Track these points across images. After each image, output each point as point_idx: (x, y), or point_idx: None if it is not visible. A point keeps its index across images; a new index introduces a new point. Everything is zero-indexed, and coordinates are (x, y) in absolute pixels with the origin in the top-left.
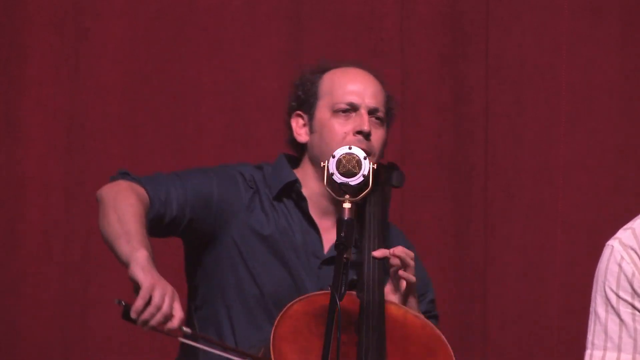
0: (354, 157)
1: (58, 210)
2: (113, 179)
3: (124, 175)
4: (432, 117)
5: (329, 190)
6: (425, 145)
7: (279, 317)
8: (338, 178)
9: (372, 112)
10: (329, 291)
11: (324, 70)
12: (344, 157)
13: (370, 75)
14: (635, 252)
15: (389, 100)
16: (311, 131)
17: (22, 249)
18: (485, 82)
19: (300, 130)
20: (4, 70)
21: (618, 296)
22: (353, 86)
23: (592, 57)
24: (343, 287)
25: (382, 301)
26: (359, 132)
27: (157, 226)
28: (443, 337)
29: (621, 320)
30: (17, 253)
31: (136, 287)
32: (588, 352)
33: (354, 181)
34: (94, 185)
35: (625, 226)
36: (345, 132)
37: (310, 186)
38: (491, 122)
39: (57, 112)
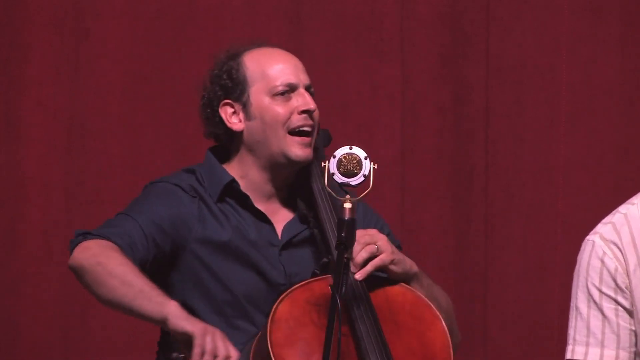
0: (354, 157)
1: (58, 210)
2: (75, 242)
3: (84, 235)
4: (432, 117)
5: (329, 190)
6: (425, 145)
7: (275, 306)
8: (339, 178)
9: (307, 88)
10: (323, 276)
11: (239, 54)
12: (344, 157)
13: (290, 53)
14: (617, 247)
15: None
16: (248, 118)
17: (22, 249)
18: (485, 82)
19: (231, 118)
20: (4, 70)
21: (601, 292)
22: (285, 66)
23: (592, 57)
24: (344, 287)
25: (359, 283)
26: (305, 111)
27: None
28: (423, 298)
29: (604, 316)
30: (17, 253)
31: (183, 339)
32: (570, 347)
33: (354, 181)
34: (94, 185)
35: (604, 220)
36: (290, 113)
37: (250, 176)
38: (491, 122)
39: (57, 112)
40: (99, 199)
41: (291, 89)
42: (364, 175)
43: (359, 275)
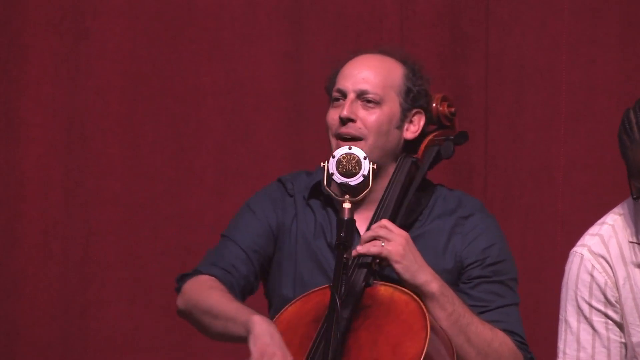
0: (353, 157)
1: (58, 210)
2: (179, 290)
3: (183, 278)
4: None
5: (328, 190)
6: None
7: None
8: (338, 178)
9: (360, 95)
10: (320, 288)
11: (344, 62)
12: (343, 157)
13: (374, 58)
14: (606, 260)
15: (406, 79)
16: None
17: (22, 249)
18: (485, 82)
19: None
20: (4, 70)
21: (591, 306)
22: (346, 72)
23: (592, 57)
24: (343, 287)
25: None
26: (340, 119)
27: (238, 291)
28: (424, 311)
29: (594, 330)
30: (17, 253)
31: None
32: None
33: (353, 181)
34: (94, 185)
35: (590, 231)
36: (334, 120)
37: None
38: (491, 122)
39: (56, 112)
40: (98, 199)
41: (342, 95)
42: (363, 175)
43: (359, 247)
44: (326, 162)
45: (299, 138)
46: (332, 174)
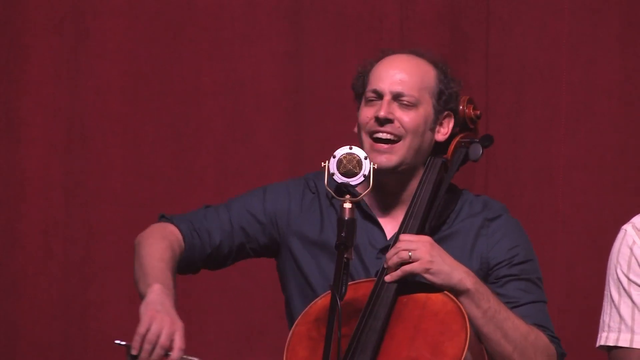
0: (354, 157)
1: (58, 210)
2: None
3: (160, 218)
4: None
5: (329, 190)
6: None
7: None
8: (339, 178)
9: (396, 97)
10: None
11: (377, 60)
12: (344, 157)
13: (409, 60)
14: None
15: (439, 81)
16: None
17: (22, 249)
18: (485, 82)
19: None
20: (4, 70)
21: (629, 279)
22: (382, 74)
23: (592, 57)
24: (344, 287)
25: (390, 289)
26: (377, 119)
27: (200, 257)
28: (462, 310)
29: (633, 302)
30: (17, 253)
31: None
32: (604, 334)
33: (354, 181)
34: (94, 185)
35: None
36: (369, 118)
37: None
38: (491, 122)
39: (57, 112)
40: (98, 199)
41: (378, 96)
42: (364, 175)
43: (388, 277)
44: (327, 162)
45: (299, 138)
46: (333, 174)
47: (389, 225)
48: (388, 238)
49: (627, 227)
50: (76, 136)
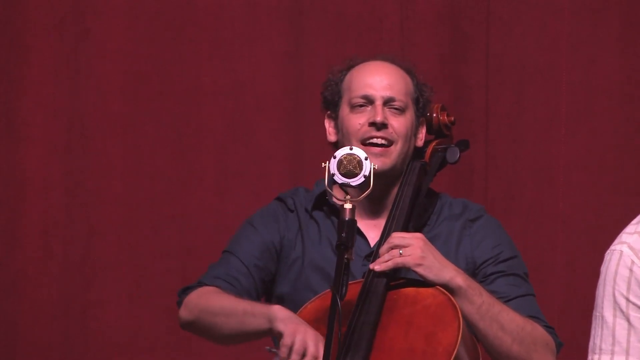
0: (354, 158)
1: (58, 210)
2: (179, 303)
3: (184, 291)
4: None
5: (329, 190)
6: None
7: None
8: (339, 179)
9: (387, 102)
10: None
11: (349, 67)
12: (344, 157)
13: (390, 66)
14: None
15: (416, 88)
16: (337, 130)
17: (22, 249)
18: (485, 82)
19: (331, 130)
20: (4, 70)
21: (628, 300)
22: (369, 79)
23: (592, 57)
24: (344, 288)
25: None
26: (372, 124)
27: None
28: (453, 302)
29: (630, 324)
30: (17, 253)
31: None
32: (596, 357)
33: (355, 182)
34: (94, 185)
35: (627, 230)
36: (360, 124)
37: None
38: (491, 122)
39: (57, 112)
40: (98, 199)
41: (368, 101)
42: (365, 176)
43: (378, 266)
44: (327, 162)
45: (299, 138)
46: (333, 175)
47: (372, 232)
48: (372, 245)
49: (622, 248)
50: (76, 136)
